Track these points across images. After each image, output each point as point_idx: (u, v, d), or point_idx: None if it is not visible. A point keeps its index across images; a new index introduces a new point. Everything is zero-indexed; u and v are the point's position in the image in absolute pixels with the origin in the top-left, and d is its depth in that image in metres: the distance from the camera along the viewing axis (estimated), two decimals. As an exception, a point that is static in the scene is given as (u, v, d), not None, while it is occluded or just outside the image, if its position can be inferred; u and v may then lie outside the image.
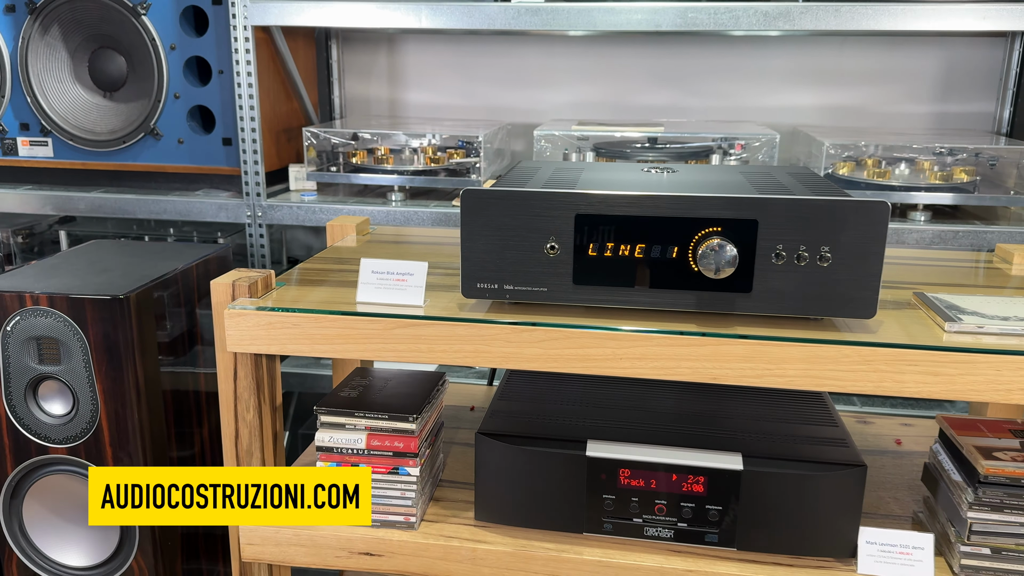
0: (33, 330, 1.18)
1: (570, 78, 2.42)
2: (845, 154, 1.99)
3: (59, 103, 2.13)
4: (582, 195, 0.98)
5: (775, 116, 2.37)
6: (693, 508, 1.05)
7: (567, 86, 2.42)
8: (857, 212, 0.93)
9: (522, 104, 2.47)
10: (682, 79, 2.37)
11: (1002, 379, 0.93)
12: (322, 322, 1.04)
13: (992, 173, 1.98)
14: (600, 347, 0.99)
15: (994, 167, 1.99)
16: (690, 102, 2.39)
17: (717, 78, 2.35)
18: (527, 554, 1.08)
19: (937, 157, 1.98)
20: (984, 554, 1.02)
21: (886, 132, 2.22)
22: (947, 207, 2.02)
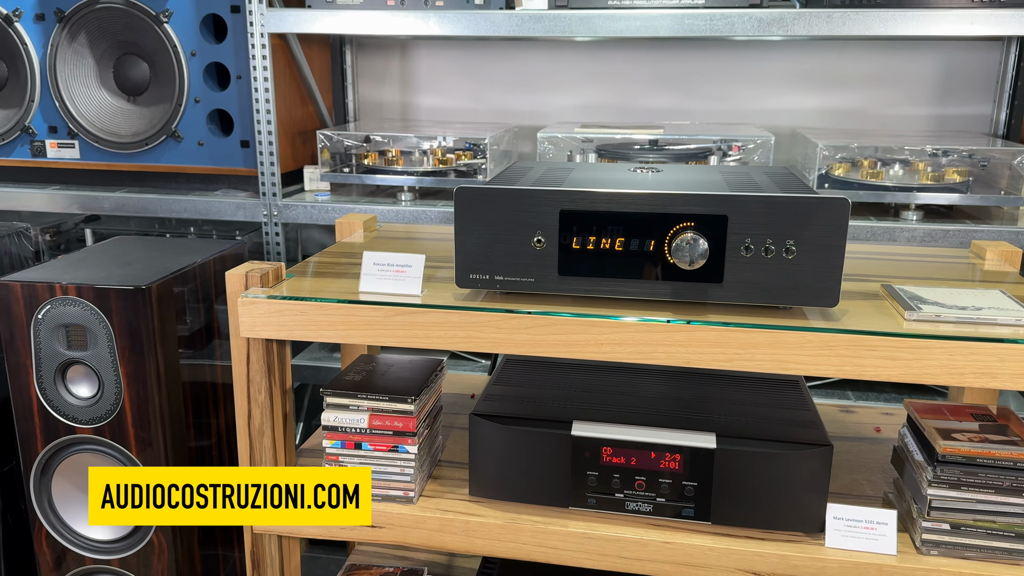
0: (62, 318, 1.28)
1: (576, 82, 2.50)
2: (839, 155, 2.05)
3: (85, 107, 2.23)
4: (566, 192, 1.06)
5: (776, 119, 2.44)
6: (670, 484, 1.13)
7: (573, 90, 2.50)
8: (819, 208, 1.01)
9: (530, 107, 2.55)
10: (685, 83, 2.44)
11: (955, 363, 1.00)
12: (327, 310, 1.12)
13: (985, 174, 2.03)
14: (582, 333, 1.07)
15: (985, 168, 2.05)
16: (693, 105, 2.46)
17: (719, 82, 2.42)
18: (516, 526, 1.16)
19: (931, 158, 2.04)
20: (944, 529, 1.09)
21: (884, 134, 2.28)
22: (941, 207, 2.08)
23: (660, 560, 1.12)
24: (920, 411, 1.16)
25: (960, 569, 1.07)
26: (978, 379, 1.00)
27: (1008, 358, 0.99)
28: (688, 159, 2.10)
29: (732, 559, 1.11)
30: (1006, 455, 1.05)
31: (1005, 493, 1.06)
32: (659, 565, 1.13)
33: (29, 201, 2.29)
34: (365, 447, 1.19)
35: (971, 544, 1.08)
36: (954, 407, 1.18)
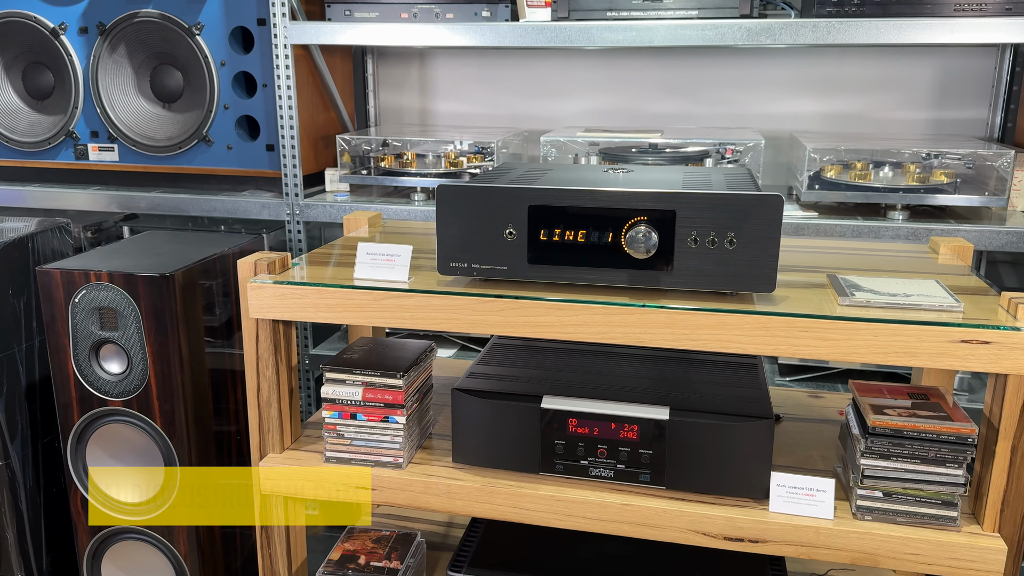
0: (96, 301, 1.44)
1: (586, 89, 2.63)
2: (827, 158, 2.15)
3: (124, 113, 2.41)
4: (534, 190, 1.19)
5: (778, 123, 2.54)
6: (629, 452, 1.25)
7: (583, 96, 2.63)
8: (756, 204, 1.12)
9: (542, 112, 2.68)
10: (690, 89, 2.55)
11: (879, 343, 1.11)
12: (324, 294, 1.27)
13: (975, 176, 2.12)
14: (548, 315, 1.20)
15: (971, 170, 2.14)
16: (698, 110, 2.57)
17: (723, 87, 2.53)
18: (492, 489, 1.29)
19: (920, 161, 2.13)
20: (877, 496, 1.20)
21: (880, 138, 2.37)
22: (930, 207, 2.17)
23: (619, 520, 1.25)
24: (860, 390, 1.27)
25: (890, 533, 1.18)
26: (900, 358, 1.11)
27: (927, 339, 1.10)
28: (685, 161, 2.21)
29: (683, 520, 1.23)
30: (930, 428, 1.16)
31: (930, 463, 1.17)
32: (618, 525, 1.25)
33: (73, 200, 2.48)
34: (359, 417, 1.33)
35: (902, 510, 1.19)
36: (894, 387, 1.29)
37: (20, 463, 1.60)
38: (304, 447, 1.41)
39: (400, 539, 1.50)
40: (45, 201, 2.48)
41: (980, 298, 1.22)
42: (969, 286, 1.29)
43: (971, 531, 1.18)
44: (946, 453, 1.16)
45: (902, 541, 1.17)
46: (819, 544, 1.20)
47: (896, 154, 2.15)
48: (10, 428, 1.57)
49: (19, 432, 1.59)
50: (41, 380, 1.62)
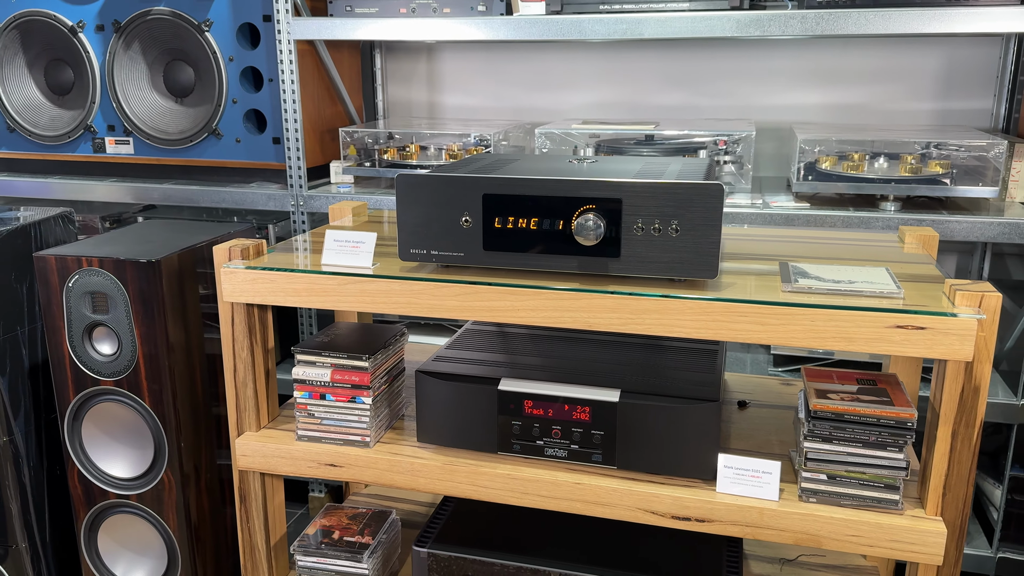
0: (88, 286, 1.52)
1: (590, 81, 2.66)
2: (817, 148, 2.16)
3: (139, 107, 2.50)
4: (487, 179, 1.24)
5: (782, 115, 2.55)
6: (581, 433, 1.29)
7: (587, 88, 2.66)
8: (697, 193, 1.16)
9: (547, 105, 2.72)
10: (694, 81, 2.57)
11: (816, 328, 1.14)
12: (292, 279, 1.33)
13: (977, 166, 2.11)
14: (502, 300, 1.25)
15: (969, 160, 2.13)
16: (701, 102, 2.59)
17: (726, 79, 2.55)
18: (453, 468, 1.34)
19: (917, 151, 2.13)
20: (822, 479, 1.22)
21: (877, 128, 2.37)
22: (929, 199, 2.16)
23: (572, 499, 1.29)
24: (810, 375, 1.30)
25: (832, 515, 1.20)
26: (838, 343, 1.14)
27: (864, 324, 1.12)
28: (682, 153, 2.24)
29: (632, 499, 1.27)
30: (870, 412, 1.18)
31: (871, 447, 1.19)
32: (571, 503, 1.29)
33: (91, 192, 2.58)
34: (328, 398, 1.39)
35: (846, 493, 1.22)
36: (844, 373, 1.31)
37: (23, 439, 1.69)
38: (280, 426, 1.48)
39: (375, 516, 1.56)
40: (65, 193, 2.59)
41: (930, 286, 1.24)
42: (924, 274, 1.30)
43: (914, 514, 1.20)
44: (886, 437, 1.18)
45: (843, 523, 1.20)
46: (763, 524, 1.23)
47: (889, 144, 2.15)
48: (13, 406, 1.66)
49: (22, 410, 1.68)
50: (42, 361, 1.71)
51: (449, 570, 1.38)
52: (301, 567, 1.47)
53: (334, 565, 1.45)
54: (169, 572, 1.64)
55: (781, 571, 1.59)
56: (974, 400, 1.14)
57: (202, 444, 1.65)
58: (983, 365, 1.13)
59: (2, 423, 1.66)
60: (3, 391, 1.65)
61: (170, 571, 1.64)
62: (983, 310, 1.11)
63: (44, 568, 1.76)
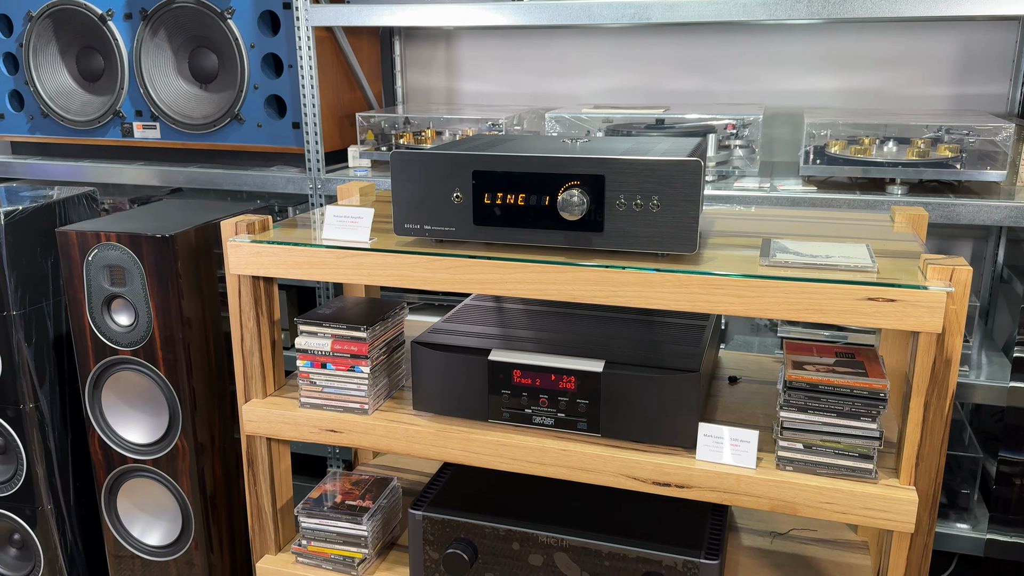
0: (106, 260, 1.60)
1: (606, 67, 2.69)
2: (824, 132, 2.18)
3: (165, 93, 2.59)
4: (477, 156, 1.29)
5: (796, 100, 2.56)
6: (567, 402, 1.34)
7: (603, 74, 2.70)
8: (676, 169, 1.20)
9: (563, 91, 2.76)
10: (709, 66, 2.59)
11: (790, 300, 1.18)
12: (293, 252, 1.39)
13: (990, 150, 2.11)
14: (491, 273, 1.30)
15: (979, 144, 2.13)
16: (716, 87, 2.61)
17: (741, 65, 2.56)
18: (446, 434, 1.40)
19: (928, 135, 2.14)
20: (798, 448, 1.26)
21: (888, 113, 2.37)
22: (938, 183, 2.17)
23: (558, 465, 1.34)
24: (790, 348, 1.33)
25: (807, 482, 1.24)
26: (811, 314, 1.18)
27: (836, 296, 1.16)
28: (691, 136, 2.27)
29: (615, 465, 1.31)
30: (843, 383, 1.22)
31: (846, 417, 1.23)
32: (557, 468, 1.35)
33: (120, 175, 2.68)
34: (329, 367, 1.45)
35: (821, 462, 1.25)
36: (824, 346, 1.35)
37: (48, 406, 1.78)
38: (285, 394, 1.55)
39: (377, 483, 1.62)
40: (95, 176, 2.69)
41: (909, 261, 1.26)
42: (906, 251, 1.33)
43: (888, 483, 1.23)
44: (860, 407, 1.22)
45: (818, 491, 1.24)
46: (740, 491, 1.27)
47: (897, 128, 2.16)
48: (39, 375, 1.75)
49: (47, 378, 1.77)
50: (66, 333, 1.80)
51: (443, 532, 1.44)
52: (304, 528, 1.54)
53: (335, 526, 1.52)
54: (183, 534, 1.73)
55: (771, 544, 1.63)
56: (946, 372, 1.17)
57: (216, 415, 1.72)
58: (954, 337, 1.16)
59: (29, 391, 1.75)
60: (29, 361, 1.74)
61: (184, 533, 1.72)
62: (953, 283, 1.14)
63: (68, 529, 1.86)
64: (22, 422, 1.76)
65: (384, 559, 1.59)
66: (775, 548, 1.61)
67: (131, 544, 1.76)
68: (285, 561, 1.58)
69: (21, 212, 1.69)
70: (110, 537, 1.77)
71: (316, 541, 1.54)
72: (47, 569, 1.86)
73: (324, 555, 1.53)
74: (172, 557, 1.75)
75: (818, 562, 1.57)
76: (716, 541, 1.35)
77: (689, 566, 1.31)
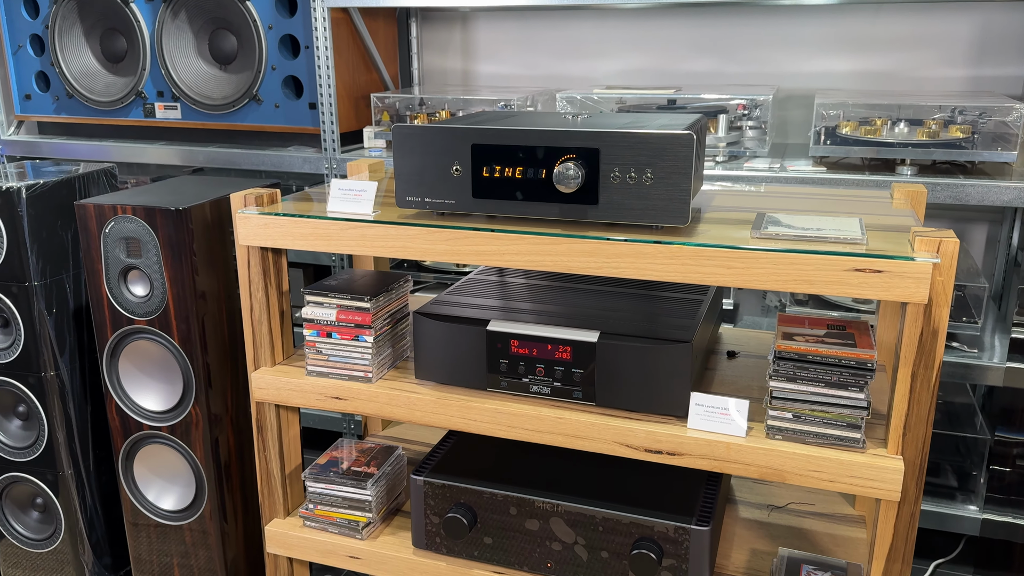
0: (123, 232, 1.65)
1: (621, 49, 2.71)
2: (834, 112, 2.19)
3: (185, 74, 2.64)
4: (476, 130, 1.32)
5: (811, 82, 2.56)
6: (563, 371, 1.38)
7: (619, 56, 2.71)
8: (669, 143, 1.22)
9: (578, 73, 2.78)
10: (724, 47, 2.60)
11: (779, 271, 1.20)
12: (299, 224, 1.43)
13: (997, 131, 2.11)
14: (488, 245, 1.33)
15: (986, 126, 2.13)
16: (731, 68, 2.61)
17: (757, 46, 2.57)
18: (446, 402, 1.44)
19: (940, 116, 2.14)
20: (787, 418, 1.28)
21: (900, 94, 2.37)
22: (949, 164, 2.17)
23: (553, 432, 1.38)
24: (783, 321, 1.36)
25: (795, 451, 1.27)
26: (799, 285, 1.20)
27: (823, 267, 1.18)
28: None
29: (609, 433, 1.35)
30: (831, 353, 1.24)
31: (833, 387, 1.25)
32: (553, 436, 1.38)
33: (142, 154, 2.74)
34: (334, 336, 1.49)
35: (810, 431, 1.28)
36: (816, 319, 1.37)
37: (68, 375, 1.84)
38: (293, 363, 1.59)
39: (382, 451, 1.67)
40: (119, 155, 2.75)
41: (901, 235, 1.28)
42: (900, 225, 1.35)
43: (875, 453, 1.26)
44: (847, 377, 1.24)
45: (806, 459, 1.26)
46: (730, 459, 1.30)
47: (908, 109, 2.16)
48: (59, 344, 1.82)
49: (67, 348, 1.83)
50: (85, 304, 1.86)
51: (443, 497, 1.48)
52: (311, 492, 1.59)
53: (341, 491, 1.57)
54: (196, 499, 1.78)
55: (768, 517, 1.65)
56: (932, 343, 1.19)
57: (229, 384, 1.78)
58: (941, 309, 1.17)
59: (50, 360, 1.81)
60: (51, 330, 1.80)
61: (197, 498, 1.78)
62: (940, 255, 1.15)
63: (88, 494, 1.92)
64: (43, 390, 1.82)
65: (388, 524, 1.63)
66: (772, 521, 1.64)
67: (147, 508, 1.82)
68: (293, 524, 1.63)
69: (42, 186, 1.75)
70: (127, 501, 1.84)
71: (322, 505, 1.59)
72: (67, 532, 1.92)
73: (330, 519, 1.58)
74: (186, 522, 1.81)
75: (814, 534, 1.59)
76: (708, 509, 1.38)
77: (680, 532, 1.34)
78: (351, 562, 1.58)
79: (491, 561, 1.48)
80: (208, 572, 1.84)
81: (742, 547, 1.55)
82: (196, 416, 1.72)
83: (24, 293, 1.76)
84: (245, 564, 1.90)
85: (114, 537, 2.01)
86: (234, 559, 1.86)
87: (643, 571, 1.34)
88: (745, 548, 1.55)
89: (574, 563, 1.42)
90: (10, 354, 1.82)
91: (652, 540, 1.35)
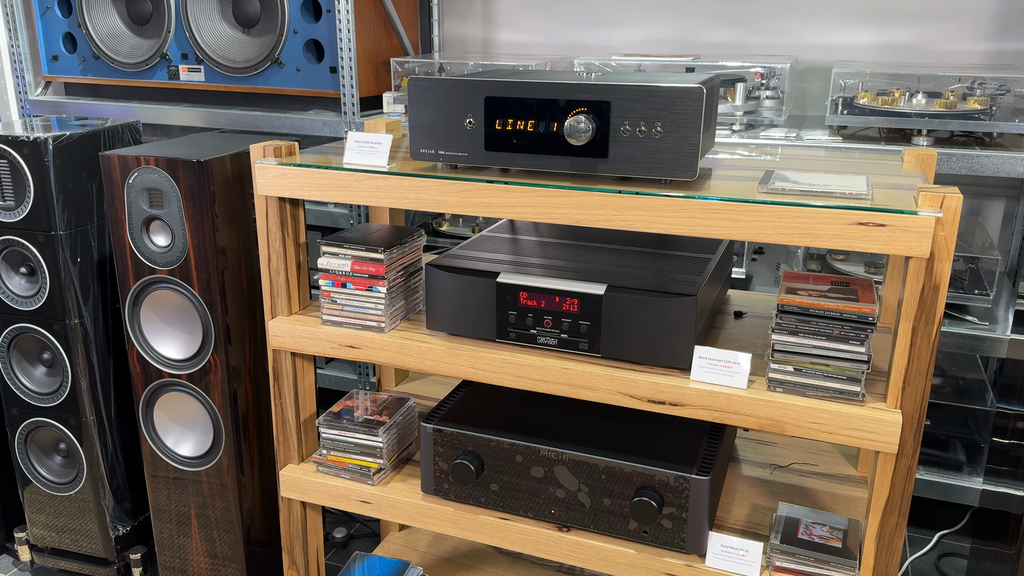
0: (145, 183, 1.69)
1: (641, 18, 2.71)
2: (851, 82, 2.19)
3: (209, 37, 2.68)
4: (489, 83, 1.34)
5: (832, 54, 2.56)
6: (570, 323, 1.41)
7: (640, 26, 2.72)
8: (679, 96, 1.24)
9: (598, 42, 2.79)
10: (744, 19, 2.60)
11: (783, 224, 1.22)
12: (316, 175, 1.47)
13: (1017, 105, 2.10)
14: (499, 197, 1.36)
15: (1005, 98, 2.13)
16: (751, 39, 2.61)
17: (777, 17, 2.56)
18: (456, 351, 1.47)
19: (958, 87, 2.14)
20: (788, 371, 1.31)
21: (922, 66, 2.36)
22: (966, 136, 2.17)
23: (559, 382, 1.41)
24: (788, 277, 1.38)
25: (795, 402, 1.29)
26: (803, 238, 1.22)
27: (827, 221, 1.20)
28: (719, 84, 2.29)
29: (614, 384, 1.38)
30: (833, 307, 1.26)
31: (835, 340, 1.27)
32: (559, 386, 1.41)
33: (167, 116, 2.78)
34: (349, 286, 1.53)
35: (810, 384, 1.30)
36: (820, 276, 1.39)
37: (92, 323, 1.90)
38: (309, 312, 1.64)
39: (394, 401, 1.71)
40: (143, 116, 2.80)
41: (906, 192, 1.30)
42: (907, 184, 1.36)
43: (874, 406, 1.28)
44: (848, 331, 1.26)
45: (805, 411, 1.29)
46: (731, 410, 1.33)
47: (927, 80, 2.16)
48: (83, 293, 1.87)
49: (91, 296, 1.89)
50: (108, 255, 1.91)
51: (451, 445, 1.52)
52: (324, 438, 1.63)
53: (353, 437, 1.61)
54: (214, 446, 1.84)
55: (771, 475, 1.68)
56: (934, 298, 1.21)
57: (247, 335, 1.82)
58: (943, 264, 1.19)
59: (74, 307, 1.87)
60: (75, 279, 1.85)
61: (215, 445, 1.83)
62: (944, 210, 1.17)
63: (109, 439, 1.98)
64: (67, 337, 1.88)
65: (399, 472, 1.68)
66: (775, 479, 1.67)
67: (165, 454, 1.88)
68: (307, 470, 1.68)
69: (68, 137, 1.79)
70: (147, 448, 1.89)
71: (335, 451, 1.63)
72: (89, 476, 1.99)
73: (342, 464, 1.63)
74: (203, 468, 1.86)
75: (815, 493, 1.62)
76: (709, 460, 1.41)
77: (680, 481, 1.37)
78: (362, 506, 1.62)
79: (497, 507, 1.52)
80: (224, 521, 1.90)
81: (743, 502, 1.58)
82: (215, 364, 1.77)
83: (50, 242, 1.81)
84: (260, 514, 1.95)
85: (134, 484, 2.07)
86: (249, 508, 1.91)
87: (644, 518, 1.38)
88: (746, 503, 1.58)
89: (577, 509, 1.46)
90: (36, 302, 1.87)
91: (653, 488, 1.39)
